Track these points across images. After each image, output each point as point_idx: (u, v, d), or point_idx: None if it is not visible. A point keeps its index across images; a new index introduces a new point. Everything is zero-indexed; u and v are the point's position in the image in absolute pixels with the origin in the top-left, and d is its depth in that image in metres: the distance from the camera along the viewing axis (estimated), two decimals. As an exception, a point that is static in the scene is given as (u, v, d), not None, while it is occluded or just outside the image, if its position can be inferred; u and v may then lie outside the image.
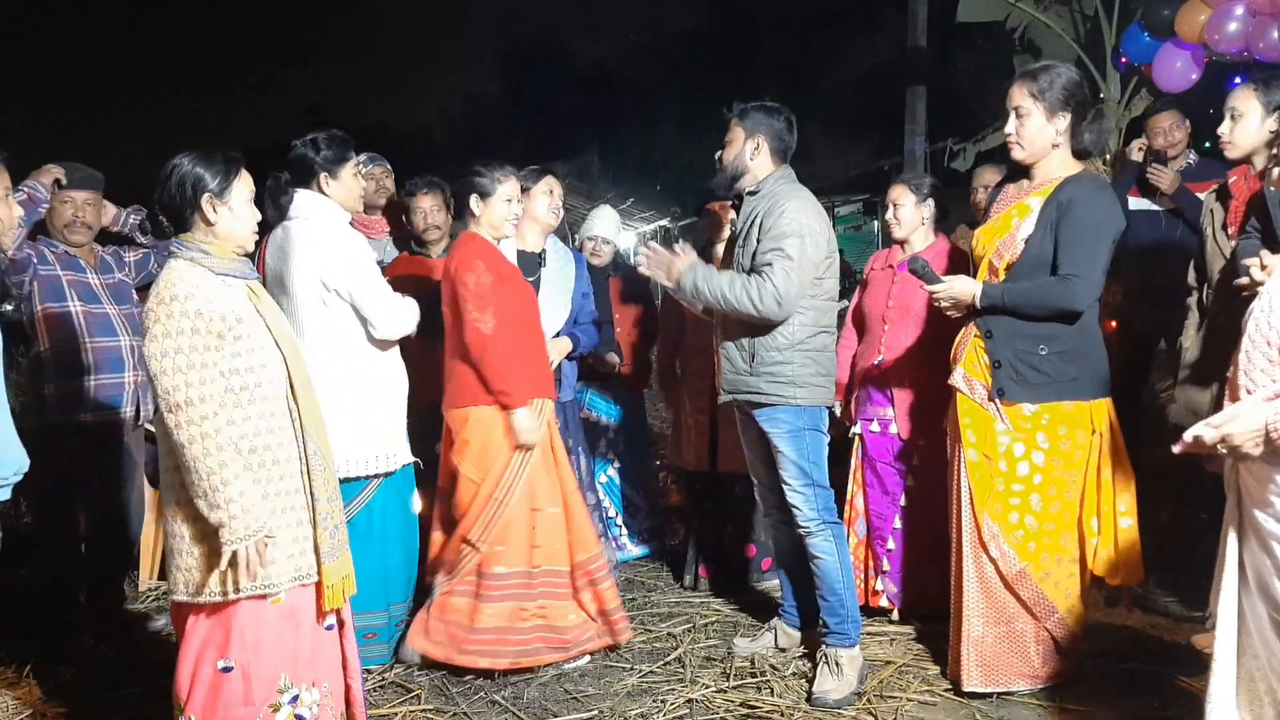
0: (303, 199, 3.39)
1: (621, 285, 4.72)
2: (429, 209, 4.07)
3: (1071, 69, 3.03)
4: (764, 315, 3.11)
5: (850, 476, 3.88)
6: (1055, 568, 3.04)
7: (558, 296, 3.87)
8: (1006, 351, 2.97)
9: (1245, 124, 3.18)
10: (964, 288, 2.99)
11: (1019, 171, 3.12)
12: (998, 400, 2.99)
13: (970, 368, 3.05)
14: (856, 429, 3.84)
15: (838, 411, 3.79)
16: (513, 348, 3.31)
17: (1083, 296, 2.89)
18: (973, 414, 3.05)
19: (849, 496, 3.86)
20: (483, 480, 3.31)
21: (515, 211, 3.45)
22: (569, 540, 3.41)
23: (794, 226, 3.10)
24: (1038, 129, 2.96)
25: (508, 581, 3.33)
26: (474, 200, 3.39)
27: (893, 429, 3.73)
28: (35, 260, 3.54)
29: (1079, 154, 3.03)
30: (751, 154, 3.24)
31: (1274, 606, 2.16)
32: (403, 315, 3.40)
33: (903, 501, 3.74)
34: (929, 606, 3.61)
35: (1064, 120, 2.95)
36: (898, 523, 3.76)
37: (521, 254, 3.79)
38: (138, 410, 3.67)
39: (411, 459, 3.51)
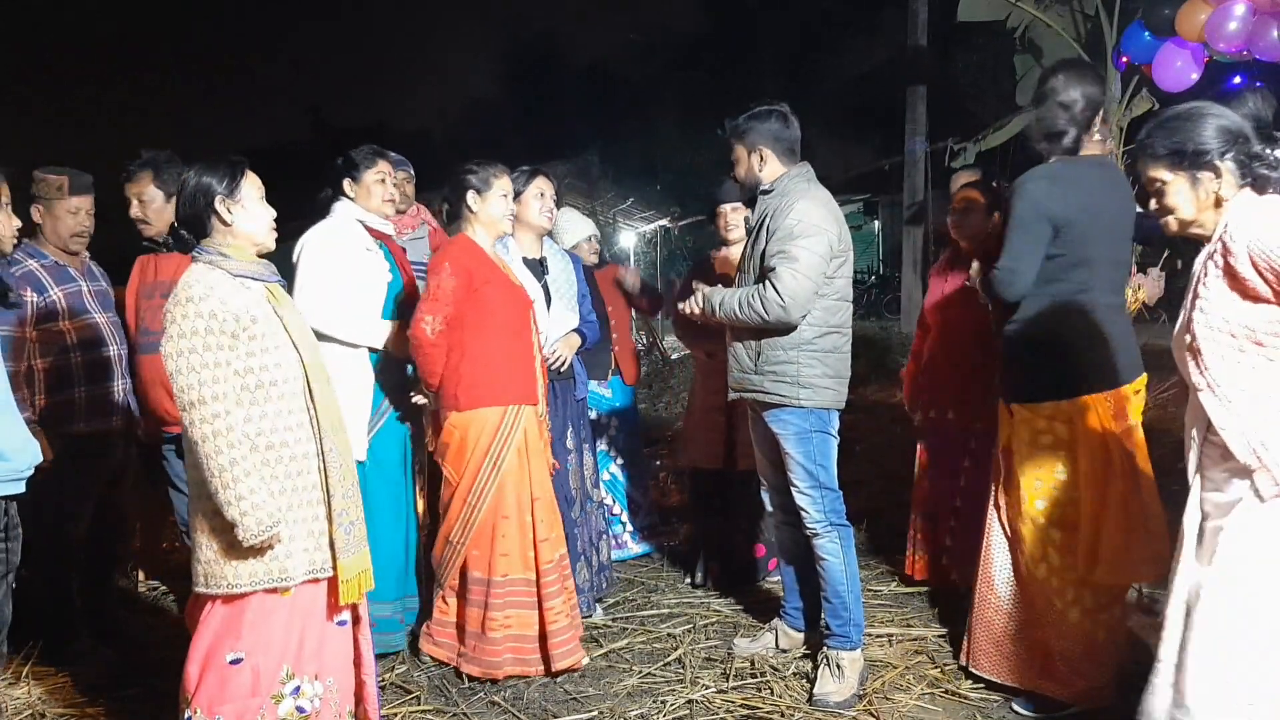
0: (336, 205, 3.58)
1: (611, 278, 4.70)
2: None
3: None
4: (774, 322, 3.11)
5: (916, 460, 4.12)
6: (1058, 577, 2.95)
7: (565, 300, 3.85)
8: (1006, 350, 3.08)
9: None
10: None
11: None
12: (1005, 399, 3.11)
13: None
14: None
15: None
16: (478, 353, 3.27)
17: (1004, 286, 2.96)
18: (1001, 411, 3.15)
19: (915, 479, 4.11)
20: (458, 482, 3.31)
21: (511, 208, 3.43)
22: (535, 548, 3.31)
23: (801, 227, 3.09)
24: None
25: (477, 587, 3.31)
26: (471, 196, 3.35)
27: (949, 415, 3.94)
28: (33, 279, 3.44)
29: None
30: (759, 165, 3.27)
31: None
32: (337, 317, 3.35)
33: (962, 483, 3.91)
34: None
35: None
36: (958, 502, 3.92)
37: (525, 261, 3.78)
38: (128, 416, 3.63)
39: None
